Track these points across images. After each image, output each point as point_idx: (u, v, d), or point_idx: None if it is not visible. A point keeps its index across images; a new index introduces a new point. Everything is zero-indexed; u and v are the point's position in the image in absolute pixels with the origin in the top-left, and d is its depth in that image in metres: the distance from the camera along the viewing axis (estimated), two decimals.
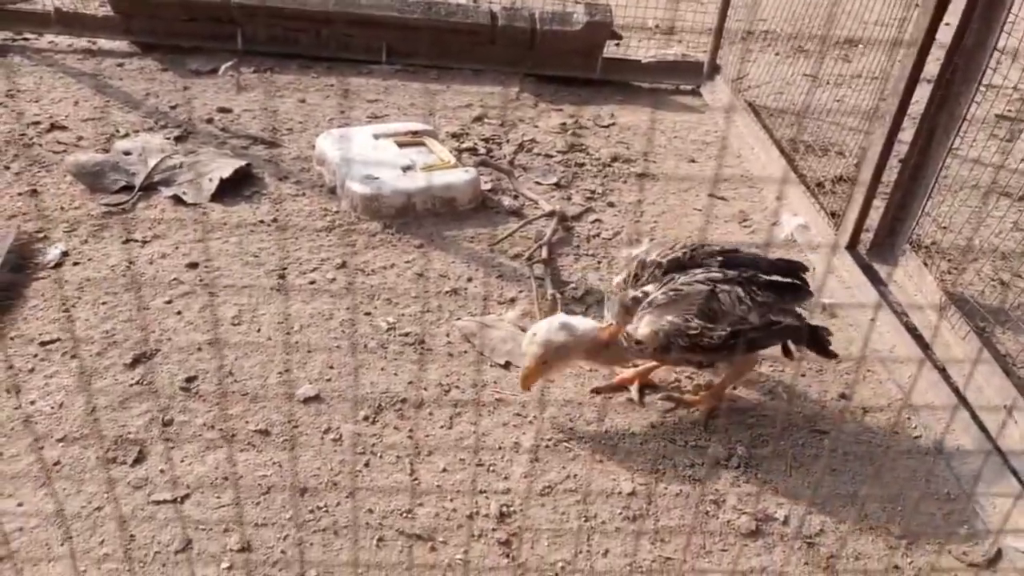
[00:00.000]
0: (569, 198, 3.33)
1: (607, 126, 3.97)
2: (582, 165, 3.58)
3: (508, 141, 3.71)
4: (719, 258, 2.19)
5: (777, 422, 2.33)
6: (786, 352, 2.30)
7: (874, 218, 3.02)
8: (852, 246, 3.05)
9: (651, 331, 2.11)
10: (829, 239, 3.12)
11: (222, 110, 3.78)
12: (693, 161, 3.75)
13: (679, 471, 2.15)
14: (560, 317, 2.24)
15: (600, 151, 3.75)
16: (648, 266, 2.19)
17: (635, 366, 2.40)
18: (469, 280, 2.83)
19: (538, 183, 3.44)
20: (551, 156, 3.64)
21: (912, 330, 2.68)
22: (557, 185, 3.42)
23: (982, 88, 2.57)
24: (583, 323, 2.22)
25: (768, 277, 2.15)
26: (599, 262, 2.99)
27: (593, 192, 3.39)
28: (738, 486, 2.11)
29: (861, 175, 3.00)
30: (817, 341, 2.24)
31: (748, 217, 3.35)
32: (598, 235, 3.13)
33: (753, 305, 2.10)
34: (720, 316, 2.08)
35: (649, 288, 2.17)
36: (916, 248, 2.89)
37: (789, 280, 2.19)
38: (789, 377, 2.50)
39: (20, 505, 1.89)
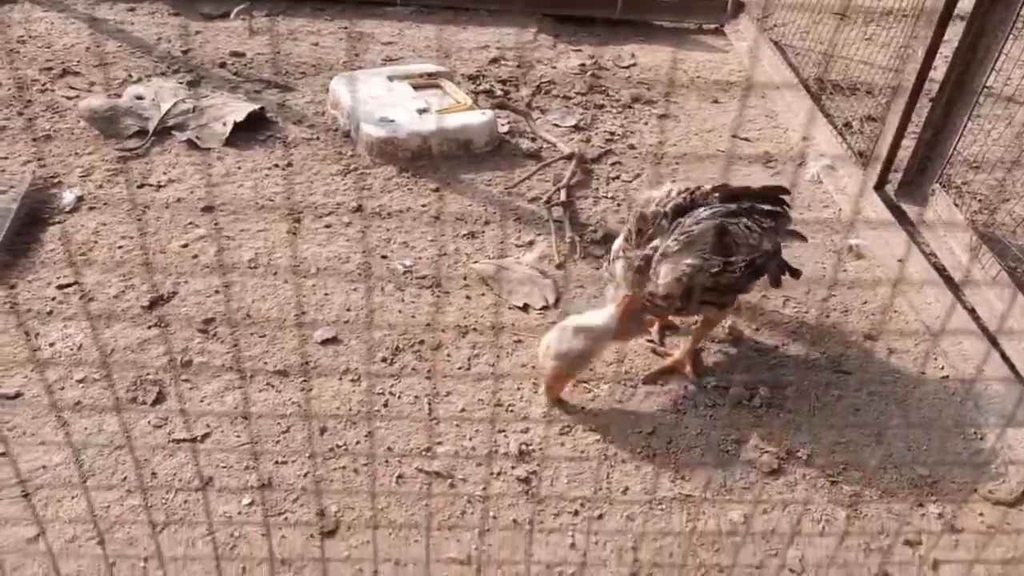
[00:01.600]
0: (588, 140, 3.26)
1: (627, 67, 3.87)
2: (601, 107, 3.50)
3: (525, 83, 3.63)
4: (715, 195, 2.11)
5: (800, 362, 2.29)
6: (775, 280, 2.20)
7: (903, 158, 2.93)
8: (880, 186, 2.97)
9: (673, 279, 2.00)
10: (856, 179, 3.04)
11: (235, 54, 3.72)
12: (716, 102, 3.66)
13: (700, 411, 2.13)
14: (572, 321, 2.05)
15: (620, 92, 3.66)
16: (650, 218, 2.07)
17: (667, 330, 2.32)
18: (486, 223, 2.79)
19: (556, 125, 3.37)
20: (570, 98, 3.56)
21: (941, 270, 2.61)
22: (576, 127, 3.35)
23: (1017, 25, 2.47)
24: (597, 318, 2.05)
25: (764, 205, 2.11)
26: (619, 205, 2.93)
27: (613, 134, 3.32)
28: (760, 426, 2.09)
29: (890, 114, 2.91)
30: (788, 267, 2.20)
31: (773, 158, 3.27)
32: (618, 177, 3.06)
33: (763, 232, 2.06)
34: (735, 248, 2.02)
35: (657, 243, 2.05)
36: (947, 188, 2.81)
37: (776, 207, 2.15)
38: (813, 318, 2.45)
39: (42, 444, 1.90)
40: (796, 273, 2.19)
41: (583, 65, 3.85)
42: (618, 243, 2.14)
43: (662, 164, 3.15)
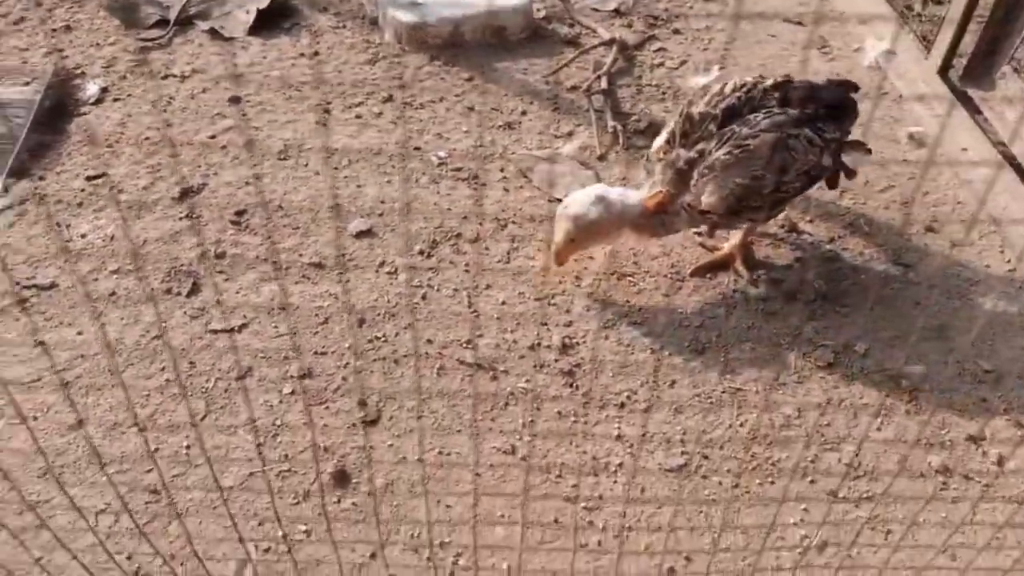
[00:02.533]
0: (630, 25, 3.08)
1: None
2: None
3: None
4: (775, 94, 1.92)
5: (857, 255, 2.18)
6: (833, 182, 2.08)
7: (968, 43, 2.72)
8: (944, 71, 2.77)
9: (719, 198, 1.85)
10: (919, 64, 2.84)
11: None
12: None
13: (751, 304, 2.04)
14: (597, 188, 1.94)
15: None
16: (698, 119, 1.90)
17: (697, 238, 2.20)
18: (523, 113, 2.66)
19: (596, 9, 3.18)
20: None
21: (1010, 160, 2.45)
22: (616, 12, 3.16)
23: None
24: (624, 196, 1.93)
25: (828, 106, 1.92)
26: (663, 93, 2.78)
27: (656, 18, 3.13)
28: (815, 319, 2.00)
29: None
30: (845, 168, 2.06)
31: (828, 43, 3.06)
32: (662, 64, 2.90)
33: (825, 145, 1.89)
34: (791, 164, 1.85)
35: (703, 146, 1.89)
36: (1019, 72, 2.61)
37: (842, 106, 1.98)
38: (871, 209, 2.33)
39: (80, 334, 1.87)
40: (851, 173, 2.07)
41: None
42: (660, 140, 1.97)
43: (709, 49, 2.96)
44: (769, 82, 1.96)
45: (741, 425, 1.78)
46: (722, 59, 2.96)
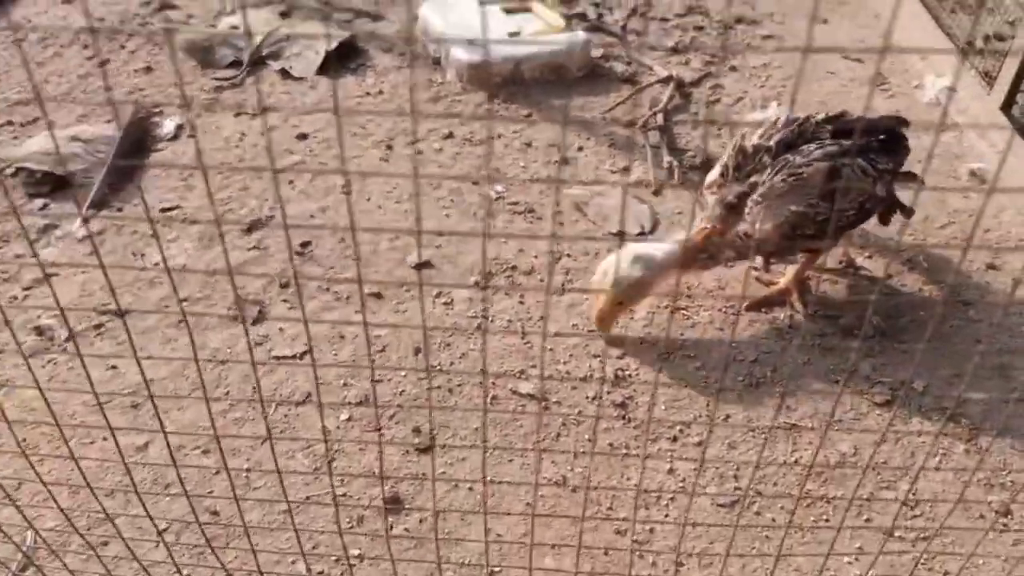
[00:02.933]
0: (687, 63, 3.11)
1: None
2: (701, 28, 3.32)
3: (620, 5, 3.47)
4: (828, 127, 1.93)
5: (916, 292, 2.15)
6: (884, 219, 2.06)
7: None
8: (1007, 107, 2.73)
9: (773, 226, 1.85)
10: (980, 101, 2.80)
11: None
12: (826, 22, 3.43)
13: (807, 340, 2.03)
14: (633, 248, 1.94)
15: (721, 13, 3.47)
16: (751, 153, 1.91)
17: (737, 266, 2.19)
18: (580, 149, 2.70)
19: (653, 48, 3.22)
20: (667, 20, 3.40)
21: None
22: (674, 50, 3.20)
23: None
24: (660, 250, 1.94)
25: (880, 140, 1.94)
26: (719, 129, 2.80)
27: (713, 56, 3.16)
28: (872, 356, 1.97)
29: (1020, 28, 2.65)
30: (902, 205, 2.04)
31: (887, 80, 3.04)
32: (718, 100, 2.92)
33: (878, 175, 1.89)
34: (843, 193, 1.86)
35: (755, 179, 1.89)
36: None
37: (895, 141, 1.98)
38: (931, 246, 2.29)
39: (149, 358, 1.96)
40: (908, 212, 2.06)
41: None
42: (714, 174, 1.98)
43: (766, 87, 2.97)
44: (822, 115, 1.97)
45: (796, 461, 1.76)
46: (779, 95, 2.97)
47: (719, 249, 1.95)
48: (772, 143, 1.91)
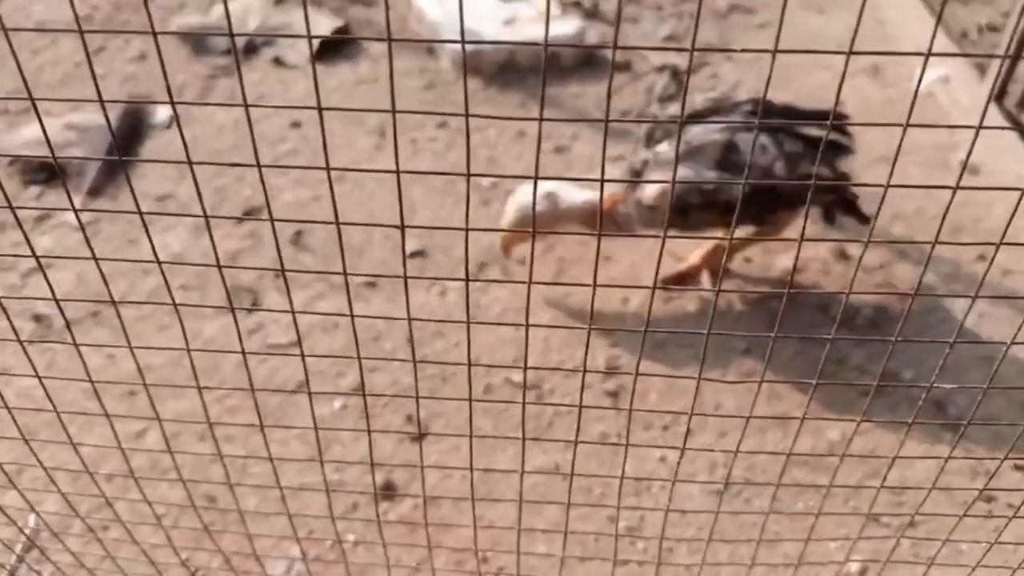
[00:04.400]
0: (682, 51, 3.12)
1: None
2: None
3: None
4: (747, 107, 1.88)
5: (907, 282, 2.17)
6: (828, 216, 2.03)
7: None
8: (999, 98, 2.75)
9: (659, 191, 1.84)
10: (973, 91, 2.82)
11: None
12: (822, 12, 3.43)
13: (800, 330, 2.05)
14: (549, 185, 1.98)
15: (717, 1, 3.47)
16: (663, 124, 1.92)
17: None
18: (574, 138, 2.71)
19: (648, 37, 3.23)
20: (662, 8, 3.40)
21: None
22: (669, 38, 3.21)
23: None
24: (571, 195, 1.97)
25: (803, 130, 1.84)
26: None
27: (709, 44, 3.16)
28: (862, 346, 2.00)
29: (1012, 19, 2.67)
30: (853, 207, 1.97)
31: (881, 71, 3.06)
32: (713, 89, 2.93)
33: (780, 154, 1.80)
34: (740, 168, 1.78)
35: (661, 147, 1.88)
36: None
37: (825, 135, 1.92)
38: (921, 237, 2.31)
39: (144, 347, 1.97)
40: (862, 218, 1.98)
41: None
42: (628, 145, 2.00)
43: (761, 77, 2.98)
44: (744, 97, 1.94)
45: (785, 449, 1.79)
46: (773, 85, 2.98)
47: (626, 216, 1.96)
48: (683, 116, 1.89)
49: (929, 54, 0.62)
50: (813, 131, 1.86)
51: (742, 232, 2.05)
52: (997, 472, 1.69)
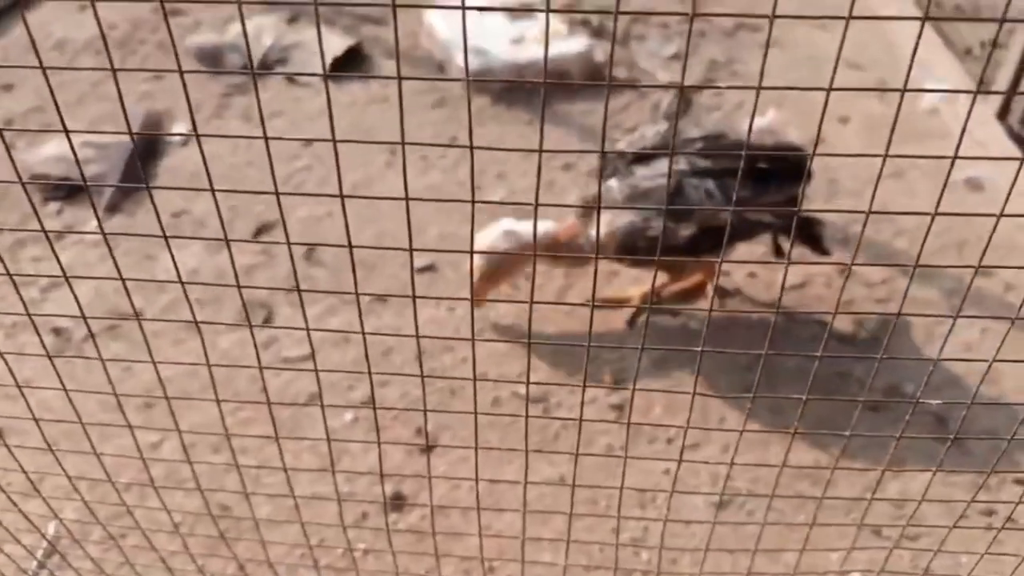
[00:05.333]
0: (688, 68, 3.16)
1: None
2: (703, 35, 3.38)
3: (622, 11, 3.53)
4: (699, 144, 1.87)
5: (909, 297, 2.20)
6: (777, 250, 2.04)
7: None
8: (1003, 115, 2.78)
9: (608, 231, 1.85)
10: (977, 108, 2.85)
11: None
12: (826, 30, 3.47)
13: (800, 347, 2.08)
14: (505, 224, 1.96)
15: (723, 19, 3.52)
16: (614, 157, 1.90)
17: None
18: (581, 157, 2.76)
19: (654, 55, 3.28)
20: (668, 27, 3.45)
21: None
22: (675, 56, 3.25)
23: None
24: (528, 228, 1.94)
25: (757, 165, 1.84)
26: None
27: (715, 62, 3.21)
28: (863, 362, 2.02)
29: (1015, 36, 2.70)
30: (811, 236, 1.98)
31: (886, 86, 3.09)
32: (719, 108, 2.97)
33: (725, 201, 1.79)
34: (686, 214, 1.80)
35: (611, 182, 1.88)
36: None
37: (779, 166, 1.87)
38: (925, 252, 2.34)
39: (163, 361, 2.02)
40: (821, 250, 1.98)
41: None
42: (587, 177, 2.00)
43: (765, 94, 3.02)
44: (695, 132, 1.92)
45: (788, 463, 1.81)
46: (778, 102, 3.02)
47: (582, 248, 1.96)
48: (632, 150, 1.89)
49: (915, 49, 0.65)
50: (763, 164, 1.85)
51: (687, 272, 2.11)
52: (996, 486, 1.71)
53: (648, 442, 1.87)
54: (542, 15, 3.28)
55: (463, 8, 0.62)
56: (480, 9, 0.62)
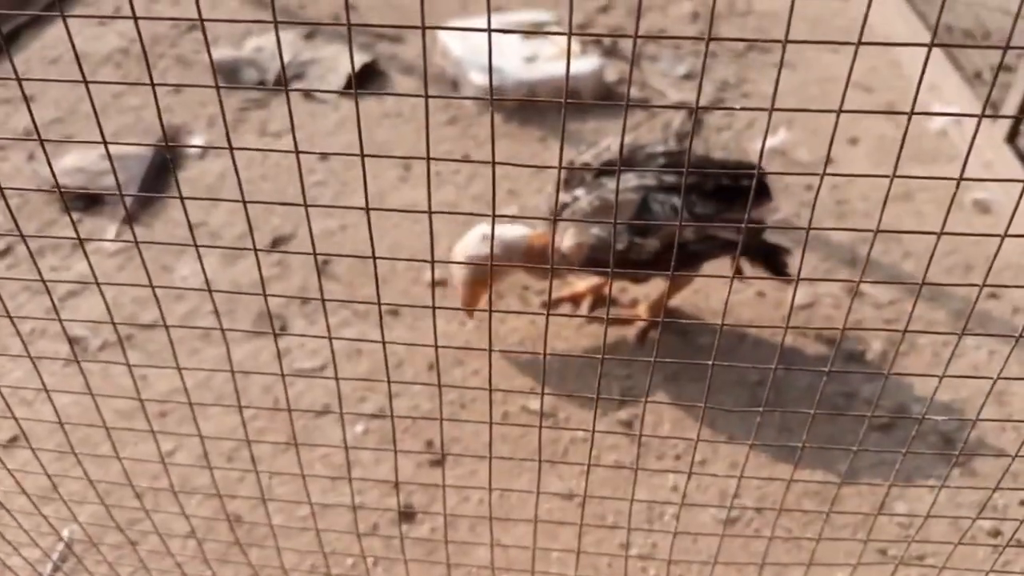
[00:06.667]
0: (700, 89, 3.19)
1: (743, 14, 3.75)
2: (715, 55, 3.41)
3: (635, 31, 3.57)
4: (662, 159, 1.88)
5: (917, 318, 2.21)
6: (737, 269, 2.06)
7: None
8: (1012, 138, 2.79)
9: (575, 244, 1.87)
10: (986, 130, 2.87)
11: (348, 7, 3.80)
12: (836, 52, 3.50)
13: (810, 364, 2.09)
14: (483, 228, 1.97)
15: (734, 40, 3.55)
16: (578, 167, 1.91)
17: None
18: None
19: (665, 75, 3.31)
20: (680, 47, 3.49)
21: None
22: (687, 76, 3.29)
23: None
24: (509, 231, 1.94)
25: (718, 183, 1.86)
26: (730, 155, 2.87)
27: (726, 82, 3.24)
28: (872, 381, 2.03)
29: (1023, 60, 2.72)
30: (770, 259, 2.01)
31: (896, 108, 3.11)
32: (729, 127, 3.00)
33: (690, 217, 1.81)
34: (652, 229, 1.81)
35: (578, 192, 1.89)
36: None
37: (742, 185, 1.89)
38: (932, 274, 2.35)
39: (177, 369, 2.05)
40: (784, 275, 2.00)
41: (695, 13, 3.76)
42: (550, 185, 1.98)
43: (776, 113, 3.05)
44: (660, 148, 1.93)
45: (795, 481, 1.82)
46: (789, 121, 3.05)
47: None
48: (598, 163, 1.90)
49: (925, 58, 0.68)
50: (725, 182, 1.86)
51: (652, 284, 2.15)
52: (1003, 507, 1.72)
53: (657, 458, 1.88)
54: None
55: (488, 31, 0.65)
56: (503, 31, 0.65)
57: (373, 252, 0.77)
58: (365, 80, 3.25)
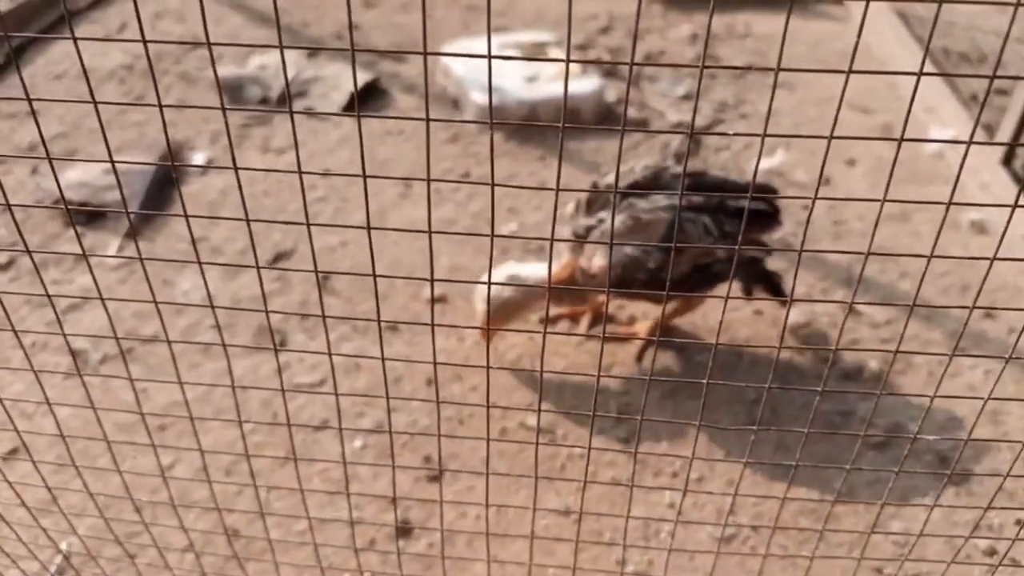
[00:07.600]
0: (698, 109, 3.23)
1: (742, 36, 3.79)
2: (713, 76, 3.45)
3: (635, 52, 3.61)
4: (685, 181, 1.90)
5: (913, 337, 2.22)
6: (747, 290, 2.09)
7: None
8: (1007, 161, 2.82)
9: (603, 265, 1.88)
10: (981, 153, 2.90)
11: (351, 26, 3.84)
12: (834, 72, 3.54)
13: (807, 382, 2.10)
14: (507, 269, 2.00)
15: (733, 61, 3.59)
16: (603, 189, 1.94)
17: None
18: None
19: (665, 95, 3.34)
20: (679, 68, 3.52)
21: None
22: (686, 96, 3.32)
23: None
24: (533, 271, 1.98)
25: (737, 204, 1.89)
26: (728, 174, 2.89)
27: (724, 103, 3.27)
28: (868, 399, 2.04)
29: (1020, 84, 2.75)
30: (768, 281, 2.05)
31: (893, 130, 3.15)
32: (728, 147, 3.02)
33: (720, 236, 1.86)
34: (684, 248, 1.86)
35: (603, 214, 1.90)
36: None
37: (758, 208, 1.94)
38: (929, 294, 2.37)
39: (176, 383, 2.06)
40: (780, 296, 2.04)
41: (695, 35, 3.80)
42: (569, 208, 2.02)
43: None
44: (676, 170, 1.97)
45: (791, 499, 1.83)
46: (787, 142, 3.07)
47: (579, 285, 1.98)
48: (623, 184, 1.93)
49: (919, 73, 0.69)
50: (742, 203, 1.89)
51: (670, 305, 2.15)
52: (999, 526, 1.72)
53: (654, 475, 1.89)
54: (556, 55, 3.36)
55: (488, 56, 0.67)
56: (504, 58, 0.67)
57: (373, 270, 0.79)
58: (367, 98, 3.28)
